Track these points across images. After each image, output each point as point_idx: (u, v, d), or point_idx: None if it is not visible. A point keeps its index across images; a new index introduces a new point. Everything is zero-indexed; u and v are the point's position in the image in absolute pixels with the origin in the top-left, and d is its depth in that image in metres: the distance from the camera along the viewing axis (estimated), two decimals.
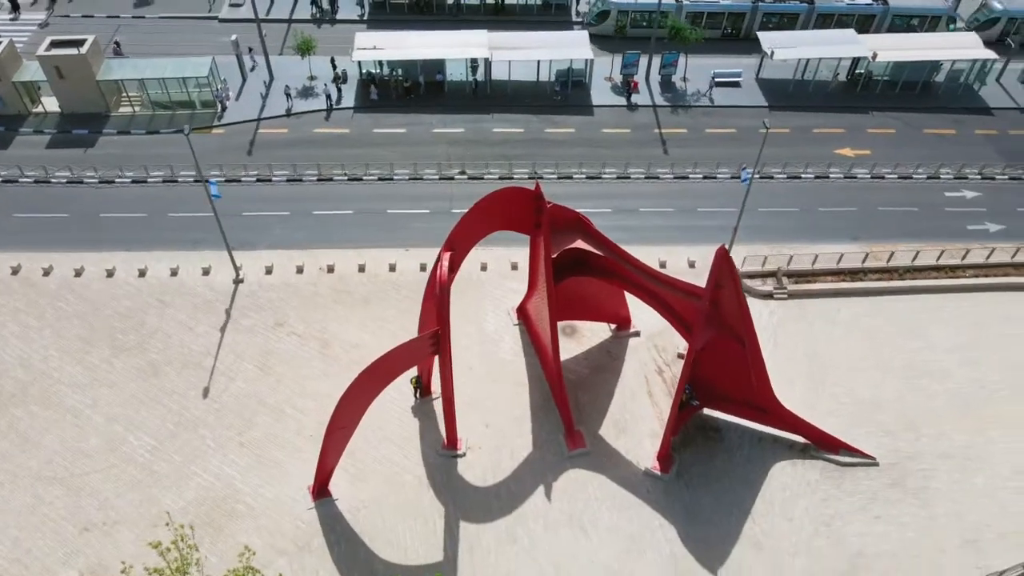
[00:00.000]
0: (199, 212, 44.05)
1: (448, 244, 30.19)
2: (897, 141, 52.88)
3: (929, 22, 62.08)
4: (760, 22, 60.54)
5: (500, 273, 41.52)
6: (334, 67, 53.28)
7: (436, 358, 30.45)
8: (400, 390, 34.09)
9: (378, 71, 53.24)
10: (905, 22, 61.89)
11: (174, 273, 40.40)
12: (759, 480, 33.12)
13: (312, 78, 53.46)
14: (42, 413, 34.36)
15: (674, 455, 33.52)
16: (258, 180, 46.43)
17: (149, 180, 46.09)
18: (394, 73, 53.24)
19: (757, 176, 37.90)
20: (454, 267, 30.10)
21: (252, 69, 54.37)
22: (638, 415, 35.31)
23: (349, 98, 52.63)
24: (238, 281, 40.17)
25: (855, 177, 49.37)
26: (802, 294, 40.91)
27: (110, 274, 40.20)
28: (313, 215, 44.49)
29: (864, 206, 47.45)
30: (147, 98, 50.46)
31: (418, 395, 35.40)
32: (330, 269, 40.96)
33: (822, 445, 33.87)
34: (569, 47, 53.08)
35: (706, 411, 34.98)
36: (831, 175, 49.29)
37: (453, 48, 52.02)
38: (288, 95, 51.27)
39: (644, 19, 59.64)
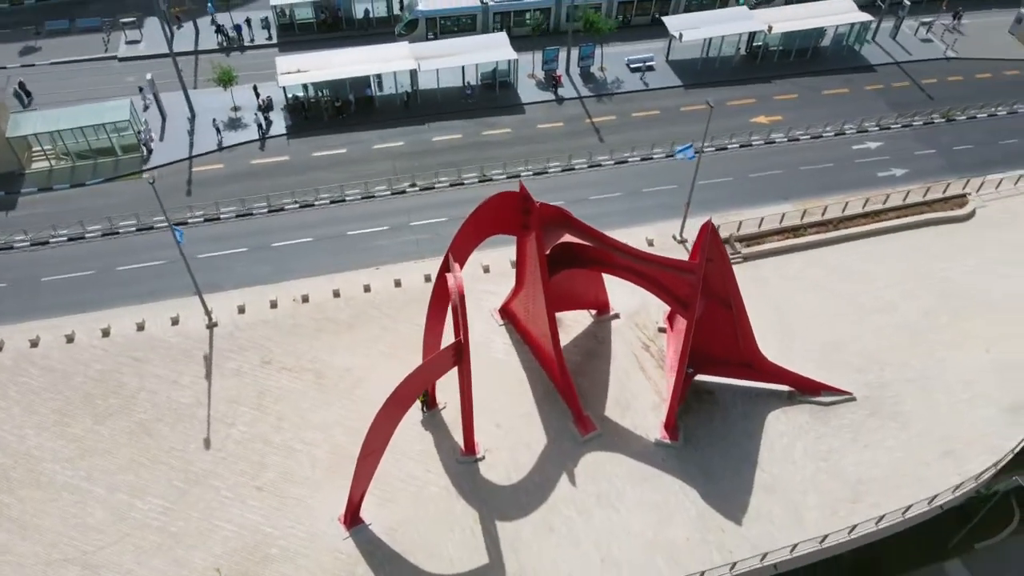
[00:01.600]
0: (150, 262, 42.67)
1: (451, 255, 30.79)
2: (801, 104, 57.42)
3: None
4: (567, 14, 60.94)
5: (473, 277, 42.07)
6: (257, 95, 52.06)
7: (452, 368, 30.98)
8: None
9: (304, 94, 52.44)
10: None
11: (140, 328, 38.66)
12: (758, 431, 35.74)
13: (236, 109, 52.02)
14: (33, 495, 32.31)
15: (678, 422, 35.60)
16: (205, 220, 44.96)
17: (87, 235, 43.68)
18: (321, 94, 52.60)
19: (692, 151, 40.55)
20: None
21: (146, 109, 51.88)
22: (637, 391, 37.15)
23: (279, 125, 51.63)
24: (212, 325, 38.95)
25: (774, 142, 53.33)
26: (755, 256, 44.03)
27: (70, 339, 37.99)
28: (272, 247, 43.63)
29: (787, 167, 51.41)
30: (64, 150, 47.57)
31: (425, 409, 35.76)
32: (305, 299, 40.38)
33: (805, 390, 36.92)
34: (492, 49, 54.22)
35: (697, 377, 37.27)
36: (753, 143, 53.05)
37: (379, 63, 52.03)
38: (217, 128, 49.74)
39: (454, 24, 60.68)
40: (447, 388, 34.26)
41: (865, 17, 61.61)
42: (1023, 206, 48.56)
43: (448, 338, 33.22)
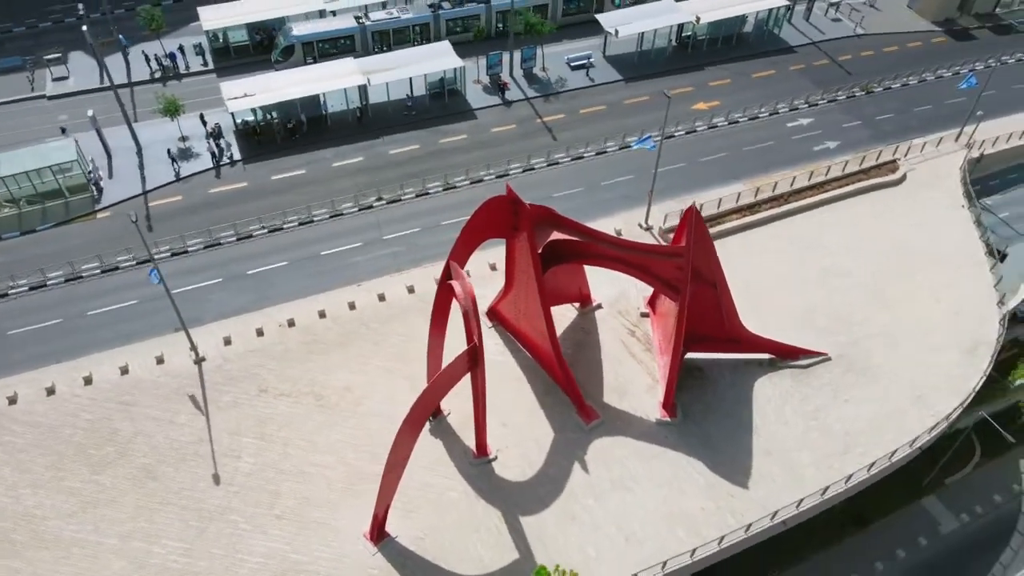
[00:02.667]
0: (120, 303, 41.56)
1: (452, 263, 31.45)
2: (734, 88, 60.48)
3: None
4: (446, 28, 62.50)
5: None
6: (204, 123, 51.06)
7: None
8: None
9: (254, 118, 51.72)
10: None
11: (124, 371, 37.49)
12: (748, 399, 37.81)
13: (184, 139, 50.83)
14: (42, 556, 31.10)
15: (675, 401, 37.29)
16: (173, 255, 43.93)
17: (49, 282, 42.00)
18: (270, 116, 51.98)
19: (650, 140, 42.43)
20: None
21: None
22: (630, 376, 38.64)
23: (232, 151, 50.74)
24: (199, 360, 38.17)
25: (716, 126, 56.04)
26: (719, 235, 46.18)
27: (51, 392, 36.52)
28: (248, 275, 43.07)
29: (732, 150, 54.16)
30: (7, 196, 45.47)
31: (431, 417, 36.19)
32: (291, 323, 40.05)
33: (785, 356, 39.27)
34: (438, 58, 54.85)
35: (686, 355, 39.06)
36: (697, 129, 55.58)
37: (328, 81, 51.85)
38: (173, 159, 48.55)
39: (331, 46, 59.21)
40: (449, 394, 34.83)
41: (782, 1, 65.31)
42: (945, 166, 52.69)
43: (450, 344, 33.94)
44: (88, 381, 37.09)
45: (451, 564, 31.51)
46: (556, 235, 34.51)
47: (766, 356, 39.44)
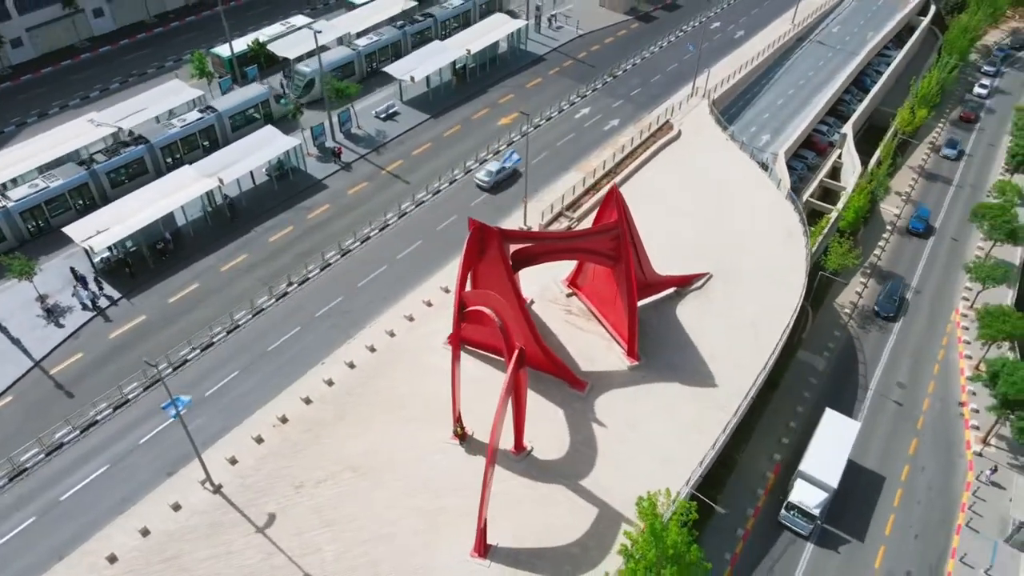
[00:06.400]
0: (90, 476, 38.83)
1: (463, 298, 35.99)
2: (519, 100, 70.01)
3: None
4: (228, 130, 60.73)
5: (406, 329, 46.11)
6: (74, 273, 47.53)
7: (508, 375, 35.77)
8: (443, 451, 39.12)
9: (114, 252, 49.01)
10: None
11: (145, 533, 35.19)
12: (678, 326, 47.07)
13: (43, 297, 46.60)
14: None
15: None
16: (116, 408, 41.24)
17: None
18: (127, 245, 49.56)
19: (515, 155, 49.95)
20: None
21: None
22: (588, 344, 45.64)
23: (108, 291, 47.64)
24: (218, 489, 37.25)
25: (527, 133, 64.97)
26: (584, 214, 55.18)
27: None
28: (208, 396, 42.12)
29: (550, 147, 63.56)
30: None
31: (462, 442, 39.83)
32: (283, 420, 40.46)
33: (685, 284, 49.32)
34: (273, 142, 56.25)
35: None
36: (514, 140, 64.05)
37: (181, 193, 50.86)
38: (57, 319, 44.56)
39: (123, 175, 54.85)
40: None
41: (520, 23, 76.53)
42: (699, 117, 67.47)
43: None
44: (112, 559, 34.49)
45: (553, 541, 36.06)
46: (514, 246, 40.24)
47: (672, 290, 49.15)
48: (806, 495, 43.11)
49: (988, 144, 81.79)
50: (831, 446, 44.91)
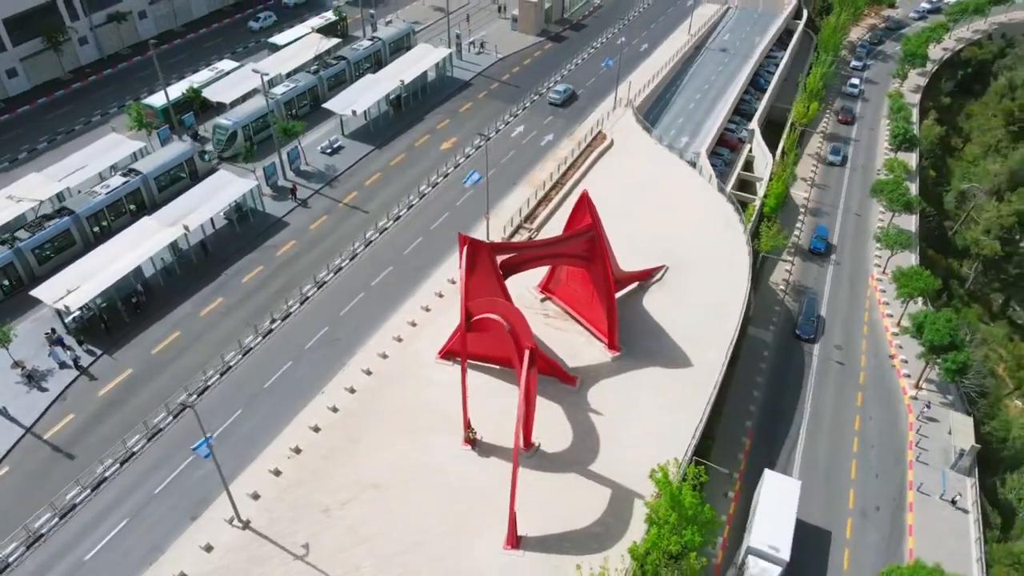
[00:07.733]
0: (111, 532, 38.44)
1: (469, 307, 38.46)
2: (457, 123, 73.06)
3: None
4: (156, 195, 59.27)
5: (397, 349, 47.93)
6: (53, 334, 46.61)
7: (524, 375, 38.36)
8: (458, 457, 41.36)
9: (85, 311, 48.30)
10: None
11: None
12: (646, 316, 51.07)
13: (19, 363, 45.48)
14: None
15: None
16: (122, 464, 40.94)
17: (11, 560, 36.31)
18: (98, 302, 48.92)
19: (476, 174, 53.07)
20: None
21: None
22: (570, 342, 48.90)
23: (89, 348, 47.00)
24: (246, 524, 37.90)
25: (470, 155, 68.00)
26: (540, 226, 58.63)
27: None
28: (219, 439, 42.21)
29: (497, 165, 66.59)
30: None
31: (474, 447, 42.04)
32: (297, 450, 41.46)
33: (647, 278, 53.50)
34: (231, 186, 56.72)
35: None
36: (460, 163, 66.89)
37: (147, 245, 50.65)
38: (38, 383, 43.62)
39: (51, 250, 52.47)
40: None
41: (445, 51, 79.69)
42: (627, 125, 72.52)
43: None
44: None
45: (576, 524, 38.81)
46: (501, 256, 43.04)
47: (635, 284, 53.21)
48: (761, 572, 40.57)
49: (869, 128, 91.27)
50: (776, 511, 42.15)
